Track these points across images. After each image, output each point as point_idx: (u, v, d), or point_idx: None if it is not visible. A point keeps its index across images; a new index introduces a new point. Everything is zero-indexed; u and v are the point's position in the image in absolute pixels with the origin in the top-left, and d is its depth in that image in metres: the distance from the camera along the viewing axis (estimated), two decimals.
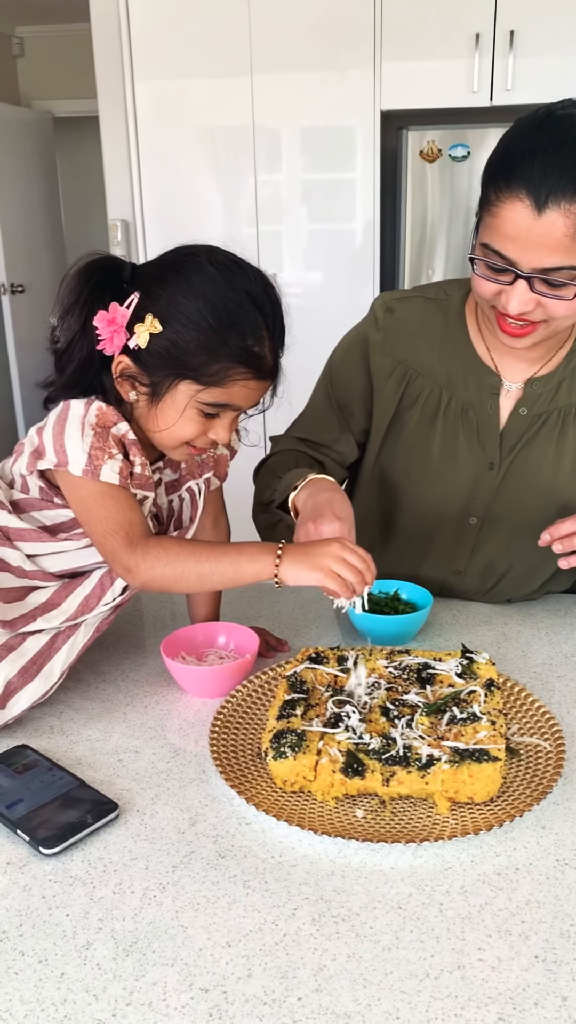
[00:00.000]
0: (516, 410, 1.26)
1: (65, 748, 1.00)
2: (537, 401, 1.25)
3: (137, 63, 3.31)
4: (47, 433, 1.00)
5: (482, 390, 1.26)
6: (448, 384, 1.28)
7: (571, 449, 1.26)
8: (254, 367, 0.98)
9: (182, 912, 0.76)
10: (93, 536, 1.03)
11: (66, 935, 0.74)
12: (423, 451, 1.30)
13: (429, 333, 1.29)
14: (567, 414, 1.26)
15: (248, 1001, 0.67)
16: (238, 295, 0.96)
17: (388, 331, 1.30)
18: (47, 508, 1.08)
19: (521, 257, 1.03)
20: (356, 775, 0.88)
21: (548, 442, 1.26)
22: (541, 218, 1.00)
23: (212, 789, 0.92)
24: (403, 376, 1.29)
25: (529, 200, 1.00)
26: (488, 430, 1.27)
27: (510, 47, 3.09)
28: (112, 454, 0.99)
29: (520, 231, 1.02)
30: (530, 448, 1.27)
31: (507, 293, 1.08)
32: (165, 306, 0.96)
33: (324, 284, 3.51)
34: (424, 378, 1.28)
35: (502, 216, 1.03)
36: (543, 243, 1.01)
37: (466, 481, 1.29)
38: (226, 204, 3.47)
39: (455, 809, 0.87)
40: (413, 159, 3.27)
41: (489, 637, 1.25)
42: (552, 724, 0.98)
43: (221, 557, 1.00)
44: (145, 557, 1.00)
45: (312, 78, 3.26)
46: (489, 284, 1.09)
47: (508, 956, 0.71)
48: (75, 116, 5.55)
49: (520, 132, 1.05)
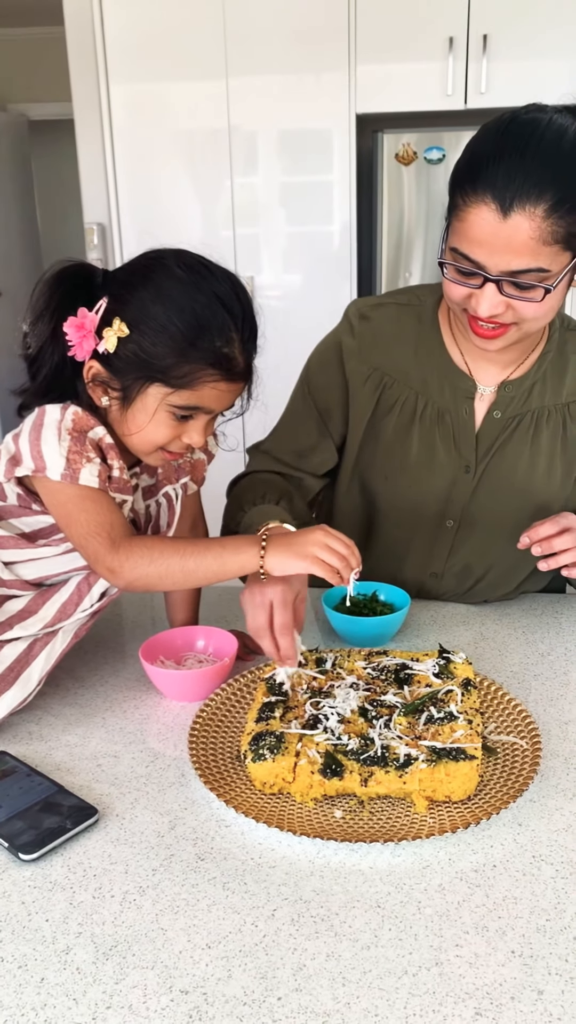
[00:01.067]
0: (490, 413, 1.27)
1: (44, 754, 1.00)
2: (511, 404, 1.26)
3: (112, 66, 3.31)
4: (23, 439, 1.00)
5: (457, 394, 1.27)
6: (424, 389, 1.29)
7: (545, 451, 1.28)
8: (223, 369, 0.98)
9: (162, 915, 0.76)
10: (74, 540, 1.03)
11: (46, 940, 0.74)
12: (400, 456, 1.31)
13: (403, 339, 1.29)
14: (540, 416, 1.27)
15: (228, 1002, 0.68)
16: (206, 297, 0.96)
17: (363, 338, 1.30)
18: (25, 515, 1.08)
19: (489, 260, 1.04)
20: (334, 776, 0.89)
21: (522, 444, 1.27)
22: (507, 222, 1.01)
23: (191, 792, 0.93)
24: (379, 382, 1.30)
25: (495, 204, 1.01)
26: (464, 434, 1.28)
27: (484, 51, 3.12)
28: (90, 458, 0.99)
29: (487, 235, 1.03)
30: (504, 450, 1.28)
31: (477, 296, 1.09)
32: (133, 310, 0.97)
33: (302, 287, 3.52)
34: (400, 384, 1.29)
35: (469, 220, 1.04)
36: (510, 246, 1.02)
37: (443, 484, 1.30)
38: (203, 207, 3.47)
39: (433, 808, 0.88)
40: (389, 162, 3.29)
41: (466, 637, 1.26)
42: (528, 722, 0.99)
43: (205, 552, 1.01)
44: (128, 557, 1.00)
45: (288, 81, 3.27)
46: (459, 288, 1.10)
47: (485, 952, 0.72)
48: (50, 119, 5.54)
49: (485, 137, 1.06)
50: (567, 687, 1.12)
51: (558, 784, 0.93)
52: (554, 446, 1.28)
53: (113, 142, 3.41)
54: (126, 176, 3.45)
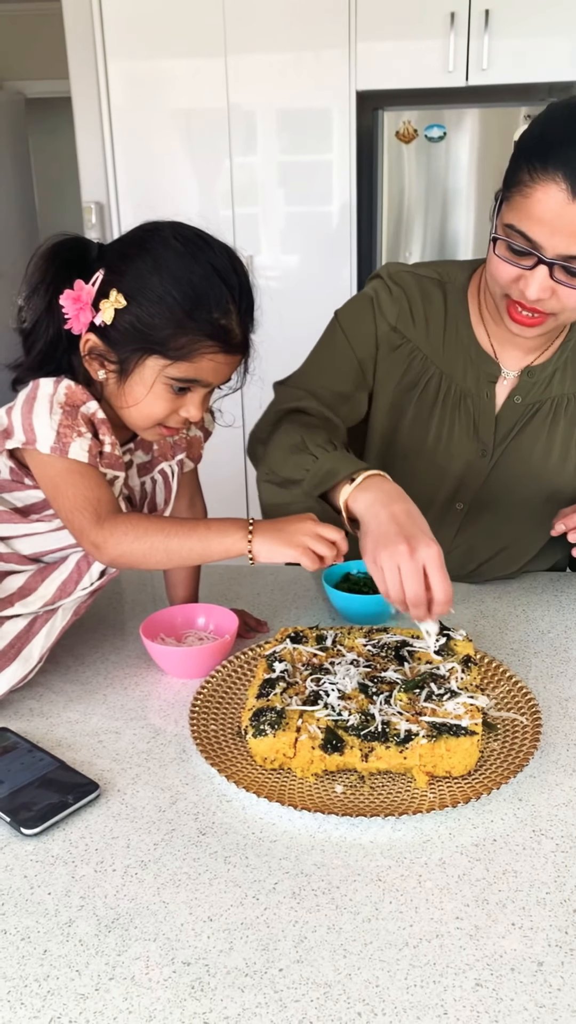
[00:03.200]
0: (511, 398, 1.26)
1: (45, 730, 1.00)
2: (532, 390, 1.25)
3: (110, 43, 3.27)
4: (16, 412, 1.00)
5: (480, 378, 1.26)
6: (448, 370, 1.26)
7: (561, 439, 1.27)
8: (221, 340, 0.97)
9: (163, 889, 0.77)
10: (61, 513, 1.02)
11: (48, 913, 0.74)
12: (420, 438, 1.29)
13: (433, 315, 1.27)
14: (559, 404, 1.26)
15: (230, 973, 0.68)
16: (203, 269, 0.96)
17: (400, 304, 1.26)
18: (17, 489, 1.08)
19: (548, 242, 1.02)
20: (335, 751, 0.89)
21: (540, 431, 1.27)
22: (575, 204, 0.98)
23: (192, 768, 0.93)
24: (408, 353, 1.27)
25: (565, 184, 0.98)
26: (484, 418, 1.27)
27: (485, 26, 3.08)
28: (81, 432, 0.99)
29: (552, 214, 1.00)
30: (522, 436, 1.27)
31: (526, 279, 1.06)
32: (130, 282, 0.96)
33: (301, 267, 3.50)
34: (427, 361, 1.27)
35: (535, 198, 1.01)
36: (573, 229, 1.00)
37: (458, 468, 1.29)
38: (202, 186, 3.45)
39: (433, 783, 0.88)
40: (389, 140, 3.26)
41: (466, 615, 1.26)
42: (529, 699, 0.99)
43: (190, 533, 1.00)
44: (113, 533, 0.99)
45: (287, 59, 3.24)
46: (508, 267, 1.07)
47: (485, 924, 0.72)
48: (48, 97, 5.48)
49: (557, 116, 1.03)
50: (567, 664, 1.12)
51: (558, 760, 0.93)
52: (570, 434, 1.27)
53: (111, 120, 3.37)
54: (124, 155, 3.41)
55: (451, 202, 3.33)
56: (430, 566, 0.93)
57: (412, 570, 0.93)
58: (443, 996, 0.66)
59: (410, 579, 0.93)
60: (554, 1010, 0.65)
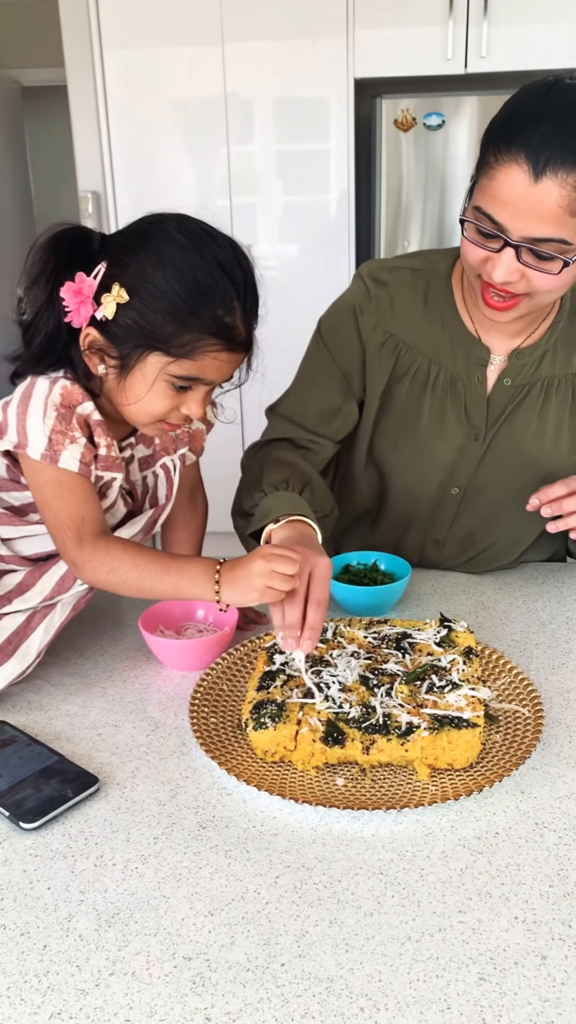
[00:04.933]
0: (500, 381, 1.25)
1: (44, 723, 0.99)
2: (521, 372, 1.25)
3: (105, 31, 3.24)
4: (11, 410, 0.99)
5: (470, 362, 1.25)
6: (436, 357, 1.26)
7: (553, 420, 1.26)
8: (225, 338, 0.96)
9: (164, 883, 0.76)
10: (46, 524, 1.03)
11: (48, 908, 0.74)
12: (411, 424, 1.29)
13: (417, 306, 1.26)
14: (550, 385, 1.25)
15: (231, 968, 0.68)
16: (208, 264, 0.94)
17: (379, 302, 1.27)
18: (14, 488, 1.07)
19: (512, 224, 1.02)
20: (336, 744, 0.88)
21: (531, 413, 1.26)
22: (537, 185, 0.98)
23: (192, 761, 0.92)
24: (394, 349, 1.27)
25: (527, 165, 0.98)
26: (475, 401, 1.26)
27: (484, 14, 3.06)
28: (74, 438, 0.98)
29: (514, 196, 1.00)
30: (513, 419, 1.27)
31: (493, 261, 1.06)
32: (133, 276, 0.94)
33: (299, 256, 3.48)
34: (413, 351, 1.26)
35: (498, 179, 1.01)
36: (536, 211, 1.00)
37: (451, 453, 1.29)
38: (199, 175, 3.42)
39: (435, 776, 0.88)
40: (387, 128, 3.23)
41: (467, 606, 1.26)
42: (531, 690, 0.99)
43: (163, 576, 1.00)
44: (90, 560, 1.00)
45: (284, 46, 3.21)
46: (477, 249, 1.07)
47: (488, 918, 0.72)
48: (43, 85, 5.43)
49: (525, 98, 1.03)
50: (569, 655, 1.11)
51: (560, 752, 0.92)
52: (562, 416, 1.26)
53: (107, 109, 3.35)
54: (120, 144, 3.39)
55: (450, 190, 3.30)
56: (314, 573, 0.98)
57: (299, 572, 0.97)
58: (446, 990, 0.65)
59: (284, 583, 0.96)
60: (558, 1004, 0.64)
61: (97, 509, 1.02)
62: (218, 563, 1.00)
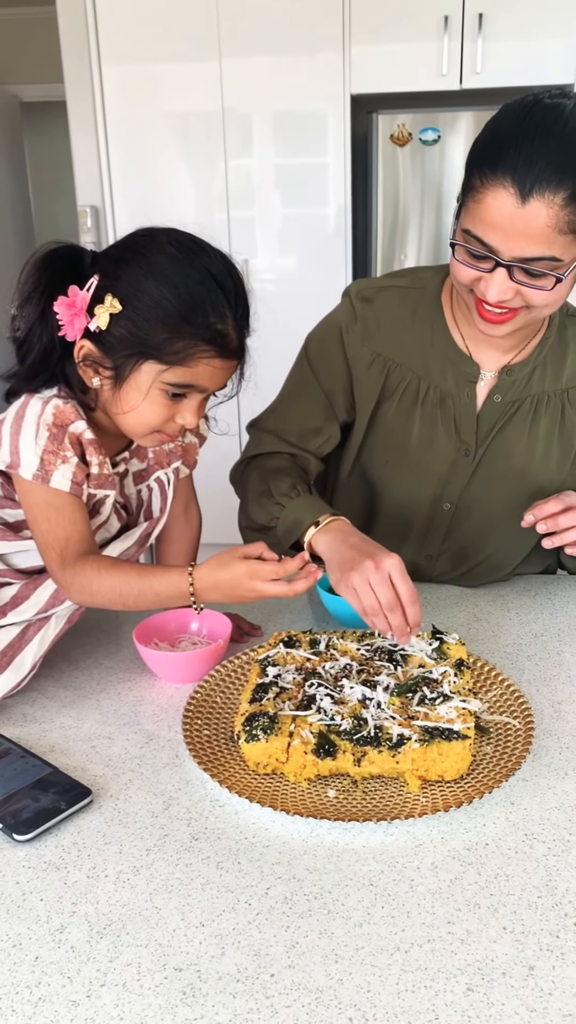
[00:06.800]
0: (491, 397, 1.26)
1: (38, 736, 1.00)
2: (511, 388, 1.26)
3: (104, 47, 3.27)
4: (5, 429, 1.00)
5: (460, 378, 1.26)
6: (426, 374, 1.27)
7: (543, 436, 1.27)
8: (218, 345, 0.97)
9: (156, 894, 0.77)
10: (36, 543, 1.05)
11: (40, 919, 0.74)
12: (402, 440, 1.30)
13: (406, 324, 1.27)
14: (539, 402, 1.26)
15: (221, 979, 0.68)
16: (199, 274, 0.96)
17: (365, 322, 1.28)
18: (8, 506, 1.08)
19: (502, 245, 1.03)
20: (328, 756, 0.89)
21: (521, 428, 1.27)
22: (525, 207, 0.99)
23: (185, 773, 0.93)
24: (382, 368, 1.28)
25: (514, 188, 0.99)
26: (465, 417, 1.27)
27: (479, 30, 3.09)
28: (66, 457, 0.99)
29: (503, 219, 1.01)
30: (504, 435, 1.28)
31: (486, 281, 1.07)
32: (125, 287, 0.96)
33: (297, 270, 3.50)
34: (403, 368, 1.27)
35: (485, 203, 1.02)
36: (525, 233, 1.01)
37: (442, 468, 1.30)
38: (197, 190, 3.45)
39: (426, 787, 0.88)
40: (384, 143, 3.26)
41: (460, 618, 1.26)
42: (521, 702, 0.99)
43: (144, 593, 1.02)
44: (73, 581, 1.02)
45: (281, 62, 3.24)
46: (468, 271, 1.08)
47: (477, 929, 0.72)
48: (43, 101, 5.48)
49: (505, 119, 1.04)
50: (560, 667, 1.12)
51: (551, 763, 0.93)
52: (552, 431, 1.27)
53: (106, 124, 3.37)
54: (119, 158, 3.41)
55: (446, 204, 3.33)
56: (394, 573, 1.00)
57: (380, 580, 0.99)
58: (434, 1001, 0.66)
59: (380, 587, 0.99)
60: (545, 1014, 0.65)
61: (84, 529, 1.04)
62: (190, 567, 1.02)
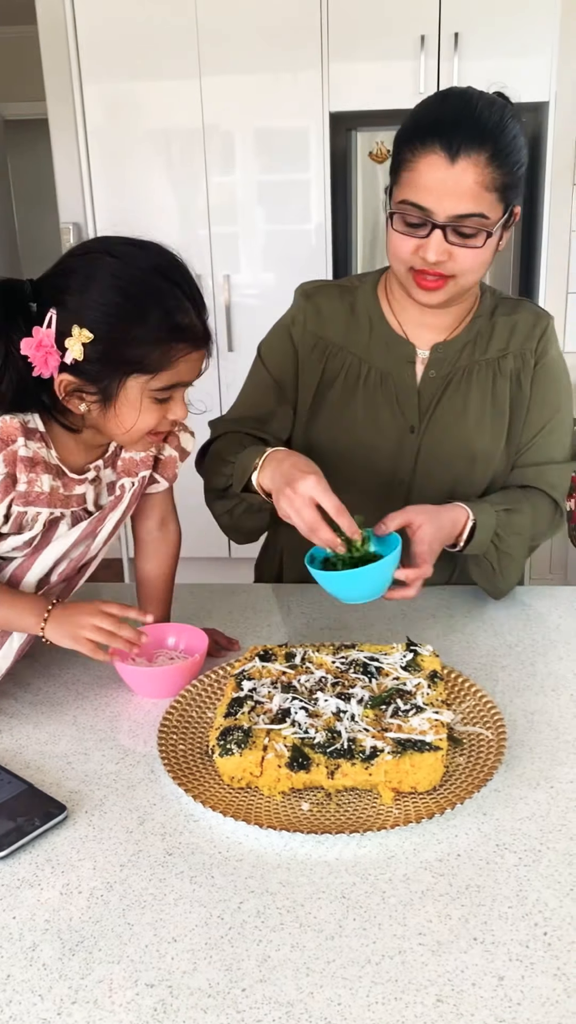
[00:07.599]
0: (427, 373, 1.35)
1: (14, 752, 1.00)
2: (444, 363, 1.35)
3: (85, 65, 3.29)
4: None
5: (398, 358, 1.36)
6: (367, 355, 1.37)
7: (475, 402, 1.35)
8: (189, 339, 1.00)
9: (129, 910, 0.77)
10: None
11: (12, 937, 0.74)
12: (348, 419, 1.38)
13: (344, 314, 1.38)
14: (470, 371, 1.36)
15: (193, 994, 0.68)
16: (146, 274, 0.98)
17: (307, 312, 1.39)
18: None
19: (437, 206, 1.14)
20: (301, 769, 0.89)
21: (456, 398, 1.36)
22: (454, 167, 1.12)
23: (161, 788, 0.93)
24: (323, 351, 1.38)
25: (443, 152, 1.12)
26: (406, 395, 1.36)
27: (455, 49, 3.13)
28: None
29: (436, 181, 1.13)
30: (441, 407, 1.36)
31: (424, 246, 1.17)
32: (85, 312, 0.96)
33: (279, 285, 3.52)
34: (344, 352, 1.37)
35: (419, 169, 1.14)
36: (456, 190, 1.13)
37: (389, 445, 1.37)
38: (180, 206, 3.46)
39: (399, 799, 0.89)
40: (363, 160, 3.29)
41: (436, 630, 1.27)
42: (494, 713, 1.00)
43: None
44: None
45: (262, 80, 3.27)
46: (406, 240, 1.19)
47: (448, 939, 0.73)
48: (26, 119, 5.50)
49: (427, 104, 1.19)
50: (533, 678, 1.13)
51: (523, 774, 0.94)
52: (484, 401, 1.35)
53: (87, 142, 3.39)
54: (101, 176, 3.43)
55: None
56: (315, 494, 1.06)
57: (302, 503, 1.06)
58: (404, 1012, 0.66)
59: (304, 510, 1.06)
60: None
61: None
62: (52, 602, 1.05)
